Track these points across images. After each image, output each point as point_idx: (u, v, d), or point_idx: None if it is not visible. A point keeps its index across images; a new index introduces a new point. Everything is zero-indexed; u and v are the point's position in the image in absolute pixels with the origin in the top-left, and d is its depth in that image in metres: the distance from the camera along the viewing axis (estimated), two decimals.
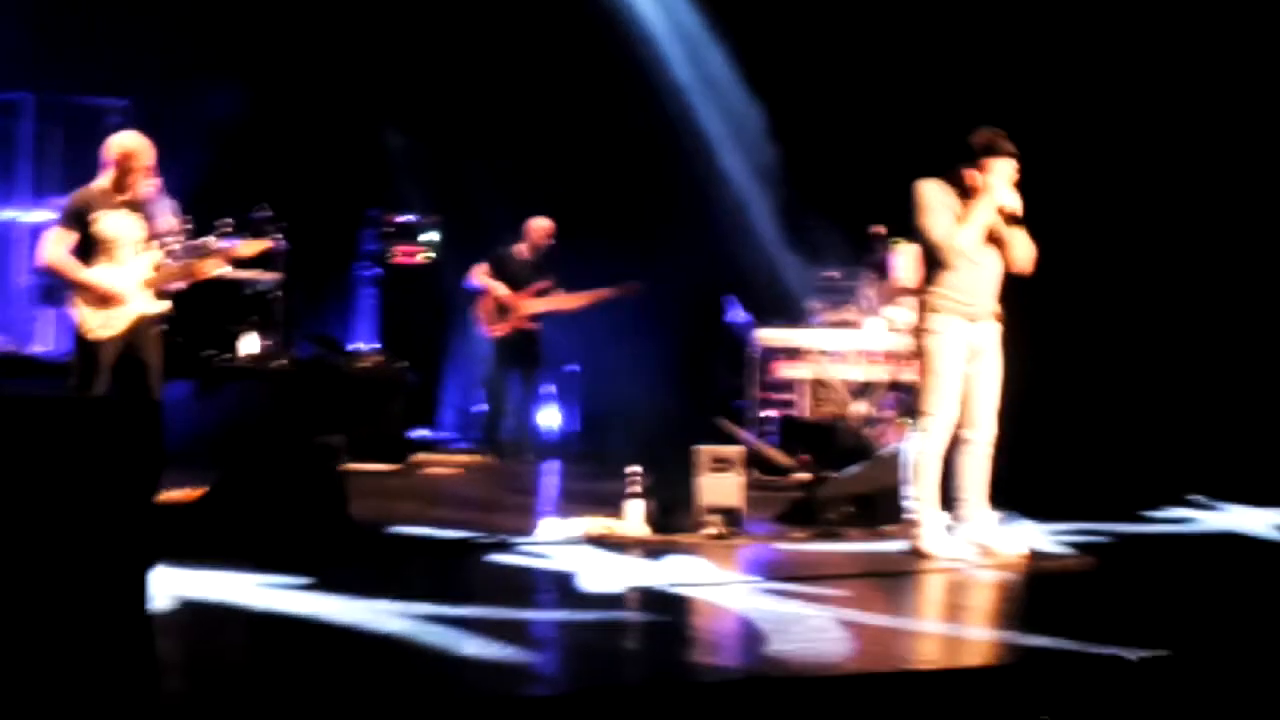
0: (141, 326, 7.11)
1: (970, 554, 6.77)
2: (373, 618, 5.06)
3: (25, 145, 11.11)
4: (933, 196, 6.82)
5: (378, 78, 11.76)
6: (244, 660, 4.80)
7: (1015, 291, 6.99)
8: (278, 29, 11.32)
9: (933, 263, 6.87)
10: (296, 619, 5.10)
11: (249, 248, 7.85)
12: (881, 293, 10.14)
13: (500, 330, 10.68)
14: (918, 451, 6.83)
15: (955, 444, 6.87)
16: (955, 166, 6.85)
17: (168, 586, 4.94)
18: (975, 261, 6.82)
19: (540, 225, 10.74)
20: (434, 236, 11.84)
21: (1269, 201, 10.63)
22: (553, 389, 11.49)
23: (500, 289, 10.63)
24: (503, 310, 10.66)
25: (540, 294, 10.69)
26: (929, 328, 6.83)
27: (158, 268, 7.21)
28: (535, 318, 10.74)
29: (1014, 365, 6.96)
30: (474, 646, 4.68)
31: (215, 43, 10.94)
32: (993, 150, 6.78)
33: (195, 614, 5.08)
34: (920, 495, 6.83)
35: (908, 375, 8.90)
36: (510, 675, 4.52)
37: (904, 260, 9.55)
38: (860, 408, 9.79)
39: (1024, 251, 6.89)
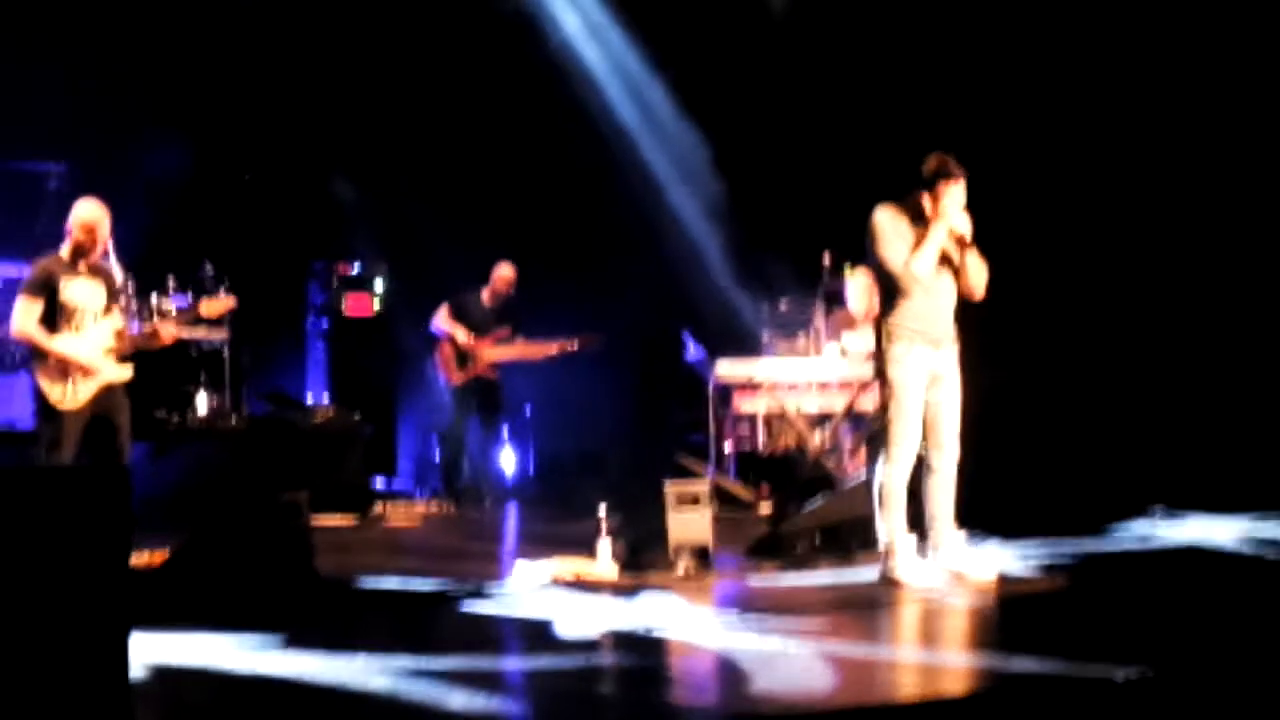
0: (108, 393, 7.08)
1: (942, 580, 6.77)
2: (353, 675, 4.99)
3: None
4: (887, 225, 6.84)
5: (319, 128, 11.71)
6: None
7: (971, 310, 7.02)
8: (217, 82, 11.25)
9: (890, 291, 6.89)
10: (276, 680, 5.01)
11: (212, 308, 7.81)
12: (835, 321, 10.16)
13: (461, 379, 10.62)
14: (885, 480, 6.83)
15: (921, 469, 6.89)
16: (907, 192, 6.88)
17: (141, 653, 4.84)
18: (931, 288, 6.84)
19: (504, 273, 10.71)
20: (382, 285, 11.77)
21: (1219, 216, 10.72)
22: (507, 430, 11.45)
23: (462, 334, 10.59)
24: (463, 359, 10.61)
25: (500, 342, 10.66)
26: (891, 356, 6.83)
27: (121, 334, 7.17)
28: (495, 366, 10.71)
29: (971, 384, 6.98)
30: (460, 700, 4.62)
31: (154, 98, 10.86)
32: (944, 175, 6.81)
33: (172, 680, 4.98)
34: (890, 523, 6.83)
35: (865, 403, 8.93)
36: None
37: (856, 288, 9.60)
38: (818, 438, 9.78)
39: (977, 275, 6.92)
